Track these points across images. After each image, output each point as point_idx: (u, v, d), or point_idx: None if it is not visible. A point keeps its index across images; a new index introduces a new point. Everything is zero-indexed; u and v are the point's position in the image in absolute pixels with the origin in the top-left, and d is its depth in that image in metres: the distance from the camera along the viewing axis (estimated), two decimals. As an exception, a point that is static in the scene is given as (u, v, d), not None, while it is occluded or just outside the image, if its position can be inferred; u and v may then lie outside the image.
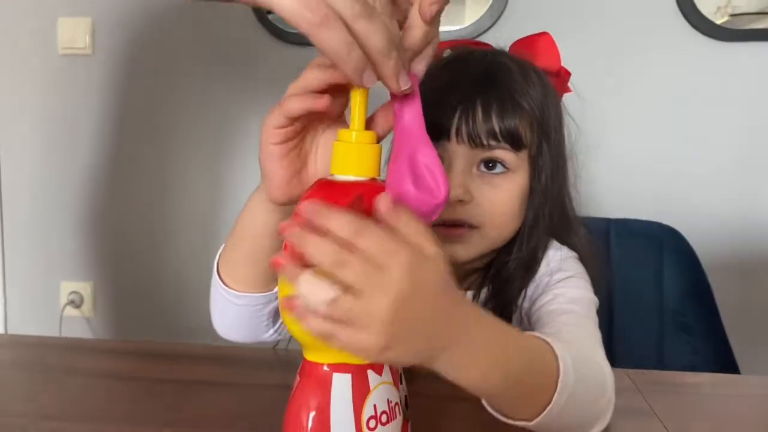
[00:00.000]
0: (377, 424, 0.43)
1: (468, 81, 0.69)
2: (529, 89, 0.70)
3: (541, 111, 0.70)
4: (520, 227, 0.71)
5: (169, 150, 1.71)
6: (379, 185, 0.44)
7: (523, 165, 0.70)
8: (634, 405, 0.62)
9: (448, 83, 0.69)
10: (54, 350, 0.75)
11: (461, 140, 0.68)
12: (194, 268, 1.75)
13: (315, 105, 0.45)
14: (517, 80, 0.70)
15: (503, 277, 0.72)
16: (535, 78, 0.72)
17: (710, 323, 1.02)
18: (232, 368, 0.69)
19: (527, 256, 0.71)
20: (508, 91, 0.69)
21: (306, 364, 0.43)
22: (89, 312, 1.79)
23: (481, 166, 0.69)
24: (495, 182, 0.69)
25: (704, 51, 1.54)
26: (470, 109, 0.67)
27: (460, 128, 0.67)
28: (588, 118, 0.80)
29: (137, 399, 0.63)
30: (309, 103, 0.46)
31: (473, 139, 0.67)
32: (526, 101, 0.69)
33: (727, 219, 1.57)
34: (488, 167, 0.69)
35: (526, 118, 0.69)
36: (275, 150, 0.49)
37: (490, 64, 0.72)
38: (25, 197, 1.76)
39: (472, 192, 0.68)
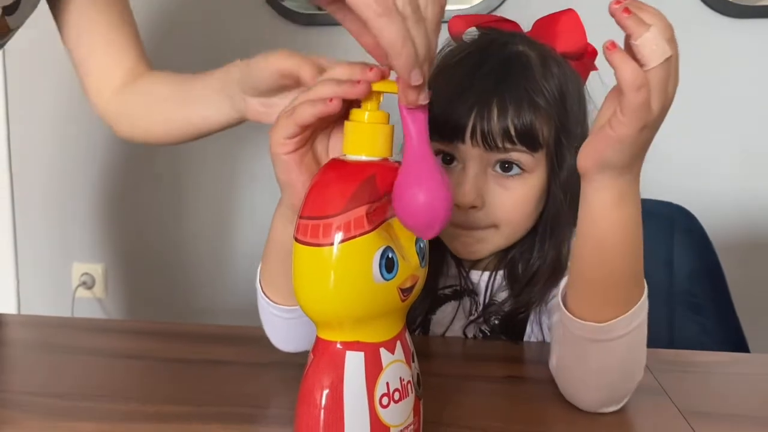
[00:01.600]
0: (390, 401, 0.43)
1: (484, 80, 0.67)
2: (548, 83, 0.68)
3: (561, 106, 0.68)
4: (540, 220, 0.70)
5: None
6: (391, 165, 0.44)
7: (540, 164, 0.68)
8: (645, 383, 0.62)
9: (463, 81, 0.67)
10: (66, 330, 0.76)
11: (476, 142, 0.66)
12: (206, 250, 1.76)
13: (327, 109, 0.45)
14: (536, 75, 0.68)
15: (526, 275, 0.71)
16: (556, 69, 0.69)
17: (721, 303, 1.02)
18: (245, 347, 0.69)
19: (552, 256, 0.70)
20: (525, 90, 0.66)
21: (319, 343, 0.44)
22: (101, 293, 1.80)
23: (497, 167, 0.67)
24: (509, 185, 0.67)
25: (715, 28, 1.53)
26: (485, 110, 0.65)
27: (475, 130, 0.66)
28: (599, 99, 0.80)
29: (149, 377, 0.63)
30: (320, 109, 0.45)
31: (488, 141, 0.66)
32: (544, 99, 0.67)
33: (739, 199, 1.56)
34: (504, 168, 0.67)
35: (543, 116, 0.67)
36: (290, 159, 0.48)
37: (508, 57, 0.69)
38: (38, 180, 1.77)
39: (484, 197, 0.67)
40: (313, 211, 0.41)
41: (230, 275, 1.74)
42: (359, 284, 0.41)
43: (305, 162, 0.49)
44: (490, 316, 0.73)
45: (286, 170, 0.49)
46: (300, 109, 0.46)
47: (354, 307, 0.42)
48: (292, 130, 0.47)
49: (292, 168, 0.49)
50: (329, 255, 0.40)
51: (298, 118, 0.46)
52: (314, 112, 0.45)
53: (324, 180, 0.43)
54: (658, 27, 0.45)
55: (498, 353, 0.70)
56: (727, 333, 1.00)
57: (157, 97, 0.76)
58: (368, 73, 0.44)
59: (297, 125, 0.47)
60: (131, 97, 0.78)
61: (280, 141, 0.48)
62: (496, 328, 0.73)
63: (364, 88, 0.44)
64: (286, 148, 0.48)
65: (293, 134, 0.47)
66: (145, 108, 0.77)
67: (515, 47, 0.70)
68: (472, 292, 0.74)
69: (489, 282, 0.74)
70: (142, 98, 0.77)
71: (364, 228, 0.41)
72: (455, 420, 0.55)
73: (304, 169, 0.49)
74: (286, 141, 0.48)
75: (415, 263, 0.44)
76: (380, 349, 0.44)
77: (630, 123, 0.46)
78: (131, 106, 0.78)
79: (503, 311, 0.73)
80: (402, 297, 0.44)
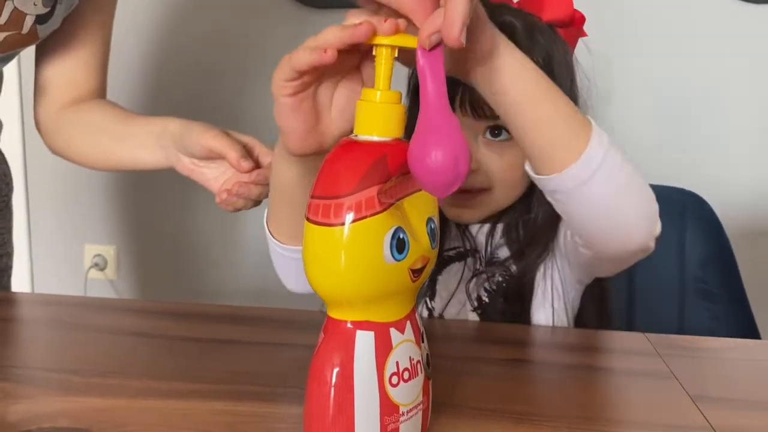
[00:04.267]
0: (399, 380, 0.44)
1: None
2: (534, 51, 0.68)
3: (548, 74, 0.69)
4: (531, 187, 0.71)
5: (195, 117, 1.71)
6: (403, 145, 0.44)
7: None
8: (654, 368, 0.62)
9: None
10: (80, 308, 0.77)
11: (465, 111, 0.68)
12: (217, 232, 1.77)
13: (321, 59, 0.44)
14: (522, 43, 0.68)
15: (526, 237, 0.72)
16: (541, 38, 0.70)
17: (732, 290, 1.01)
18: (255, 327, 0.70)
19: (547, 212, 0.70)
20: None
21: (330, 322, 0.44)
22: (113, 275, 1.82)
23: (487, 133, 0.70)
24: (501, 149, 0.70)
25: (733, 12, 1.51)
26: None
27: (464, 99, 0.67)
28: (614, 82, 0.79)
29: (161, 355, 0.64)
30: (316, 57, 0.45)
31: (476, 110, 0.67)
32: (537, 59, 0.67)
33: (752, 186, 1.55)
34: (494, 134, 0.69)
35: None
36: (287, 102, 0.48)
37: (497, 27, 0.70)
38: (50, 161, 1.77)
39: (478, 160, 0.69)
40: (325, 190, 0.41)
41: (241, 257, 1.75)
42: (370, 264, 0.41)
43: (303, 107, 0.49)
44: (494, 273, 0.74)
45: (281, 113, 0.49)
46: (298, 54, 0.46)
47: (364, 287, 0.42)
48: (289, 74, 0.47)
49: (287, 112, 0.49)
50: (340, 235, 0.41)
51: (295, 63, 0.46)
52: (309, 60, 0.45)
53: (335, 160, 0.43)
54: None
55: (504, 336, 0.70)
56: (738, 320, 0.99)
57: (98, 127, 0.82)
58: (383, 25, 0.43)
59: (293, 70, 0.46)
60: (74, 117, 0.83)
61: (280, 83, 0.47)
62: (501, 287, 0.74)
63: (365, 28, 0.42)
64: (285, 91, 0.48)
65: (290, 77, 0.47)
66: (85, 134, 0.83)
67: (501, 17, 0.70)
68: (475, 251, 0.76)
69: (488, 236, 0.76)
70: (84, 124, 0.83)
71: (375, 208, 0.41)
72: (463, 401, 0.55)
73: (300, 114, 0.49)
74: (284, 83, 0.47)
75: (426, 244, 0.44)
76: (390, 329, 0.44)
77: None
78: (71, 127, 0.83)
79: (507, 269, 0.74)
80: (412, 278, 0.44)
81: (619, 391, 0.60)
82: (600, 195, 0.54)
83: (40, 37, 0.75)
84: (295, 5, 1.61)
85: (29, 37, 0.74)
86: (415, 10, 0.43)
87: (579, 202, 0.55)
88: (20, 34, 0.72)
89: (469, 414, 0.53)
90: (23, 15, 0.71)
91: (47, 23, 0.74)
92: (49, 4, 0.73)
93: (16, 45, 0.74)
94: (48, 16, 0.73)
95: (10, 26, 0.71)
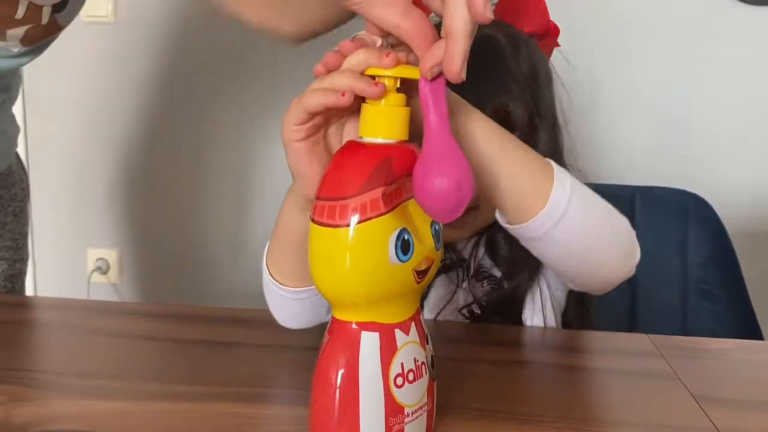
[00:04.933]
0: (404, 382, 0.44)
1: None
2: (521, 67, 0.69)
3: (533, 87, 0.70)
4: None
5: (198, 121, 1.72)
6: (408, 148, 0.44)
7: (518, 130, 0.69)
8: (658, 369, 0.63)
9: None
10: (83, 312, 0.77)
11: None
12: (219, 235, 1.77)
13: (338, 102, 0.44)
14: (508, 60, 0.69)
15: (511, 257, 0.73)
16: (525, 50, 0.70)
17: (735, 291, 1.01)
18: (258, 330, 0.70)
19: None
20: (500, 74, 0.68)
21: (335, 323, 0.44)
22: (115, 278, 1.82)
23: None
24: None
25: (732, 14, 1.51)
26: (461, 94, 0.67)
27: None
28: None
29: (165, 358, 0.64)
30: (332, 99, 0.44)
31: None
32: (517, 82, 0.68)
33: (755, 187, 1.55)
34: None
35: (518, 100, 0.68)
36: (300, 147, 0.48)
37: (481, 42, 0.70)
38: (53, 165, 1.78)
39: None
40: (330, 192, 0.42)
41: (243, 261, 1.75)
42: (375, 265, 0.42)
43: (316, 151, 0.48)
44: (482, 281, 0.74)
45: (296, 158, 0.49)
46: (310, 95, 0.45)
47: (369, 288, 0.42)
48: (302, 116, 0.46)
49: (302, 156, 0.48)
50: (345, 236, 0.41)
51: (308, 104, 0.45)
52: (324, 101, 0.45)
53: (341, 162, 0.43)
54: None
55: (507, 337, 0.70)
56: (740, 321, 0.99)
57: None
58: (384, 59, 0.43)
59: (306, 112, 0.46)
60: None
61: (291, 127, 0.47)
62: (492, 300, 0.74)
63: (380, 90, 0.43)
64: (296, 135, 0.47)
65: (303, 121, 0.47)
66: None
67: (483, 30, 0.71)
68: (461, 261, 0.77)
69: (473, 250, 0.76)
70: None
71: (380, 210, 0.41)
72: (467, 402, 0.55)
73: (315, 158, 0.48)
74: (296, 128, 0.47)
75: (430, 245, 0.45)
76: (395, 330, 0.44)
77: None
78: None
79: (495, 278, 0.74)
80: (417, 279, 0.44)
81: (623, 393, 0.60)
82: (570, 237, 0.55)
83: (61, 25, 0.75)
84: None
85: (51, 27, 0.74)
86: (417, 42, 0.43)
87: (553, 247, 0.56)
88: (40, 26, 0.72)
89: (473, 415, 0.53)
90: (39, 7, 0.71)
91: (64, 11, 0.73)
92: None
93: (40, 37, 0.74)
94: (64, 3, 0.73)
95: (28, 19, 0.71)
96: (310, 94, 0.45)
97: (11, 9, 0.69)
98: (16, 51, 0.74)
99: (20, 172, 0.92)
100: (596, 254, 0.58)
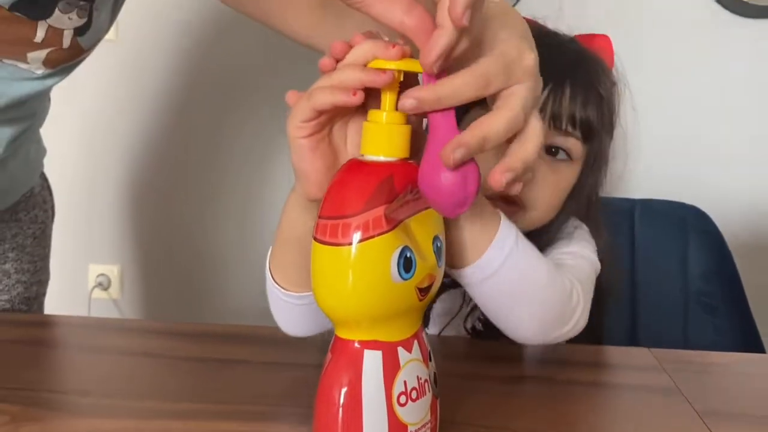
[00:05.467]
0: (407, 400, 0.44)
1: (559, 62, 0.69)
2: (607, 83, 0.71)
3: (611, 107, 0.72)
4: (555, 217, 0.72)
5: (201, 137, 1.73)
6: (409, 165, 0.44)
7: (582, 158, 0.71)
8: (660, 383, 0.62)
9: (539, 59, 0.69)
10: (84, 329, 0.77)
11: (543, 118, 0.67)
12: (220, 253, 1.77)
13: (348, 101, 0.44)
14: (599, 73, 0.71)
15: None
16: (609, 74, 0.73)
17: (735, 304, 1.01)
18: (260, 347, 0.70)
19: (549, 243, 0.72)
20: (592, 81, 0.70)
21: (337, 341, 0.44)
22: (116, 294, 1.82)
23: (543, 150, 0.69)
24: (557, 167, 0.70)
25: (730, 28, 1.52)
26: (559, 90, 0.67)
27: (546, 107, 0.67)
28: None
29: (167, 376, 0.64)
30: (342, 98, 0.44)
31: (555, 120, 0.68)
32: (605, 95, 0.70)
33: (754, 200, 1.55)
34: (550, 152, 0.69)
35: (601, 112, 0.70)
36: (305, 144, 0.47)
37: (577, 50, 0.73)
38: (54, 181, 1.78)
39: (534, 170, 0.68)
40: (332, 211, 0.42)
41: (245, 278, 1.75)
42: (377, 283, 0.42)
43: (320, 148, 0.48)
44: None
45: (300, 155, 0.48)
46: (319, 94, 0.45)
47: (372, 306, 0.42)
48: (308, 114, 0.46)
49: (306, 153, 0.48)
50: (348, 254, 0.41)
51: (316, 103, 0.45)
52: (334, 100, 0.44)
53: (343, 180, 0.43)
54: None
55: (508, 353, 0.70)
56: (742, 334, 0.99)
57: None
58: (390, 50, 0.43)
59: (314, 110, 0.45)
60: None
61: (297, 124, 0.47)
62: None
63: (389, 77, 0.43)
64: (302, 132, 0.47)
65: (309, 118, 0.46)
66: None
67: (578, 47, 0.73)
68: None
69: None
70: None
71: (382, 228, 0.41)
72: (469, 419, 0.55)
73: (318, 155, 0.48)
74: (302, 125, 0.46)
75: (432, 262, 0.45)
76: (398, 348, 0.44)
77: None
78: None
79: None
80: (420, 296, 0.44)
81: (626, 407, 0.60)
82: (494, 295, 0.56)
83: (84, 48, 0.73)
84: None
85: (73, 51, 0.72)
86: (422, 38, 0.42)
87: (475, 295, 0.57)
88: (62, 49, 0.71)
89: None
90: (60, 31, 0.69)
91: (87, 34, 0.72)
92: (85, 15, 0.70)
93: (63, 60, 0.73)
94: (86, 27, 0.71)
95: (48, 43, 0.69)
96: (320, 92, 0.45)
97: (30, 31, 0.68)
98: (40, 73, 0.73)
99: (44, 193, 0.92)
100: (518, 315, 0.59)
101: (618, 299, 0.83)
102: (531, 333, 0.61)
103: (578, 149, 0.70)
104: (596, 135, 0.70)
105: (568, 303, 0.61)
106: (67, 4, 0.67)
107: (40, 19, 0.67)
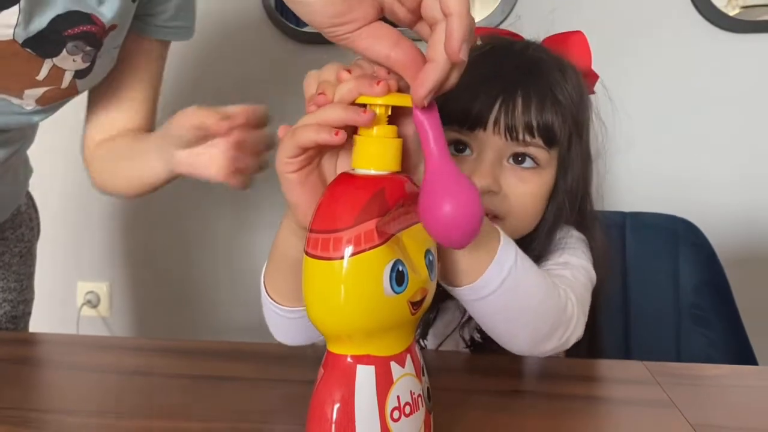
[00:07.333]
0: (401, 415, 0.43)
1: (509, 73, 0.69)
2: (566, 86, 0.70)
3: (576, 109, 0.71)
4: (540, 222, 0.71)
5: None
6: (400, 179, 0.44)
7: (552, 162, 0.70)
8: (654, 396, 0.62)
9: (488, 73, 0.69)
10: (73, 347, 0.76)
11: (497, 131, 0.68)
12: (209, 268, 1.76)
13: (331, 141, 0.44)
14: (556, 76, 0.70)
15: None
16: (572, 75, 0.72)
17: (727, 316, 1.01)
18: (251, 364, 0.69)
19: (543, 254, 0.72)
20: (547, 87, 0.69)
21: (330, 357, 0.44)
22: (105, 312, 1.80)
23: (511, 159, 0.69)
24: (524, 176, 0.69)
25: (717, 43, 1.54)
26: (510, 101, 0.67)
27: (499, 119, 0.67)
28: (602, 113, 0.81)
29: (157, 394, 0.63)
30: (325, 137, 0.44)
31: (510, 131, 0.68)
32: (564, 98, 0.69)
33: (745, 212, 1.56)
34: (517, 161, 0.69)
35: (562, 115, 0.69)
36: (294, 178, 0.48)
37: (531, 57, 0.72)
38: (42, 198, 1.77)
39: (500, 183, 0.69)
40: (324, 225, 0.41)
41: (234, 293, 1.74)
42: (370, 297, 0.41)
43: (310, 181, 0.48)
44: None
45: (290, 189, 0.48)
46: (302, 132, 0.45)
47: (364, 320, 0.42)
48: (293, 152, 0.46)
49: (295, 187, 0.48)
50: (340, 268, 0.41)
51: (299, 140, 0.45)
52: (317, 138, 0.44)
53: (334, 194, 0.43)
54: None
55: (502, 367, 0.70)
56: (734, 346, 0.99)
57: (116, 154, 0.82)
58: (375, 87, 0.43)
59: (298, 147, 0.46)
60: (102, 151, 0.84)
61: (284, 160, 0.47)
62: None
63: (370, 118, 0.43)
64: (290, 167, 0.47)
65: (296, 154, 0.46)
66: (109, 163, 0.83)
67: (535, 51, 0.73)
68: None
69: None
70: (108, 155, 0.83)
71: (374, 241, 0.41)
72: (465, 434, 0.54)
73: (308, 188, 0.48)
74: (289, 160, 0.47)
75: (424, 276, 0.44)
76: (391, 363, 0.44)
77: None
78: (100, 161, 0.84)
79: None
80: (412, 310, 0.44)
81: (620, 421, 0.60)
82: (491, 313, 0.57)
83: (80, 90, 0.75)
84: (283, 40, 1.63)
85: (69, 91, 0.74)
86: (410, 72, 0.43)
87: (472, 311, 0.58)
88: (59, 89, 0.72)
89: (470, 447, 0.53)
90: (62, 71, 0.71)
91: (87, 77, 0.74)
92: (89, 59, 0.72)
93: (56, 98, 0.74)
94: (87, 70, 0.73)
95: (49, 81, 0.71)
96: (303, 130, 0.45)
97: (35, 68, 0.69)
98: (29, 109, 0.74)
99: (30, 211, 0.92)
100: (514, 328, 0.59)
101: (610, 311, 0.83)
102: (526, 345, 0.61)
103: (543, 156, 0.69)
104: (560, 139, 0.69)
105: (563, 315, 0.61)
106: (74, 46, 0.69)
107: (47, 57, 0.68)
